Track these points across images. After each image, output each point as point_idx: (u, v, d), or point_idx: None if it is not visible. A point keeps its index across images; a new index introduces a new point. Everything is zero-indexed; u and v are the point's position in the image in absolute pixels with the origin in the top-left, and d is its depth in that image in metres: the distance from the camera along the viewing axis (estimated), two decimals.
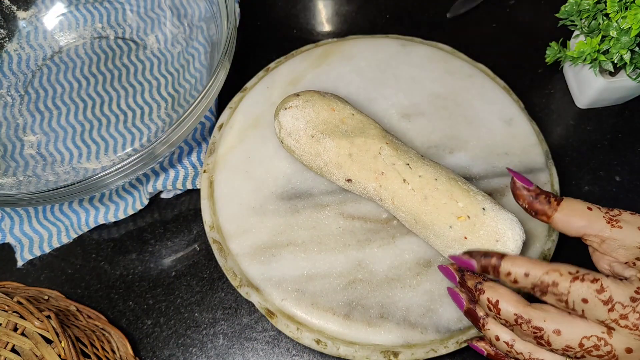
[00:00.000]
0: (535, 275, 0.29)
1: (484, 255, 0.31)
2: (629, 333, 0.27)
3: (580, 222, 0.31)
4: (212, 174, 0.42)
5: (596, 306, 0.28)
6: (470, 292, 0.32)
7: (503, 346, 0.31)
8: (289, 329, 0.36)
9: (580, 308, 0.28)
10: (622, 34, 0.40)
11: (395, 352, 0.35)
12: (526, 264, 0.30)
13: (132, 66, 0.51)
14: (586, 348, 0.28)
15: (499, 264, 0.30)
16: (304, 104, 0.39)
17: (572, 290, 0.28)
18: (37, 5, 0.52)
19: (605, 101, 0.49)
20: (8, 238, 0.43)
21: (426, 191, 0.36)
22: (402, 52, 0.47)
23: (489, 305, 0.31)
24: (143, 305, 0.42)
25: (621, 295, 0.28)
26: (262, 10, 0.56)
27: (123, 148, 0.47)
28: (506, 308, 0.30)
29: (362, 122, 0.39)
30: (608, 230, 0.31)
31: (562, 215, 0.32)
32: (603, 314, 0.28)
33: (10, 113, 0.48)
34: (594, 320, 0.28)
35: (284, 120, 0.39)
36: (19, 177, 0.44)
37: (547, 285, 0.29)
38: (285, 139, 0.39)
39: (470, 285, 0.32)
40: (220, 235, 0.39)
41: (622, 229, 0.30)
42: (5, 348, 0.32)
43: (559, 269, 0.29)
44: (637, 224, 0.30)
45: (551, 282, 0.29)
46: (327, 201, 0.40)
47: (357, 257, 0.38)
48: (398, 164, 0.37)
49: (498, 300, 0.30)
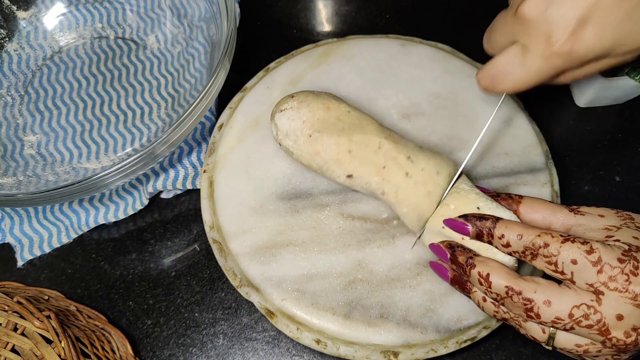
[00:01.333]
0: (528, 238, 0.30)
1: (479, 218, 0.32)
2: (618, 297, 0.27)
3: (545, 212, 0.32)
4: (212, 174, 0.42)
5: (585, 267, 0.28)
6: (462, 268, 0.32)
7: (490, 307, 0.31)
8: (289, 329, 0.36)
9: (569, 270, 0.28)
10: None
11: (395, 352, 0.35)
12: (519, 227, 0.31)
13: (132, 66, 0.51)
14: (576, 318, 0.28)
15: (494, 227, 0.31)
16: (299, 105, 0.39)
17: (562, 251, 0.29)
18: (37, 5, 0.52)
19: (605, 100, 0.49)
20: (8, 238, 0.43)
21: (429, 186, 0.36)
22: (402, 52, 0.47)
23: (479, 279, 0.31)
24: (143, 305, 0.42)
25: (610, 256, 0.28)
26: (262, 10, 0.56)
27: (123, 148, 0.47)
28: (497, 280, 0.30)
29: (359, 119, 0.39)
30: (572, 217, 0.31)
31: (526, 207, 0.33)
32: (592, 276, 0.28)
33: (10, 113, 0.48)
34: (583, 284, 0.28)
35: (280, 122, 0.39)
36: (19, 177, 0.44)
37: (539, 247, 0.29)
38: (283, 141, 0.39)
39: (461, 261, 0.32)
40: (220, 235, 0.39)
41: (584, 216, 0.31)
42: (5, 348, 0.32)
43: (550, 232, 0.30)
44: (597, 212, 0.31)
45: (542, 243, 0.29)
46: (327, 201, 0.40)
47: (357, 257, 0.38)
48: (400, 157, 0.37)
49: (489, 274, 0.31)
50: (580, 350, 0.29)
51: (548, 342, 0.30)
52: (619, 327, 0.28)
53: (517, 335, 0.40)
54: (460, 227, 0.33)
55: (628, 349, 0.28)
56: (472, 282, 0.32)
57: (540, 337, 0.30)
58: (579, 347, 0.29)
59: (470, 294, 0.33)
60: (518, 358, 0.40)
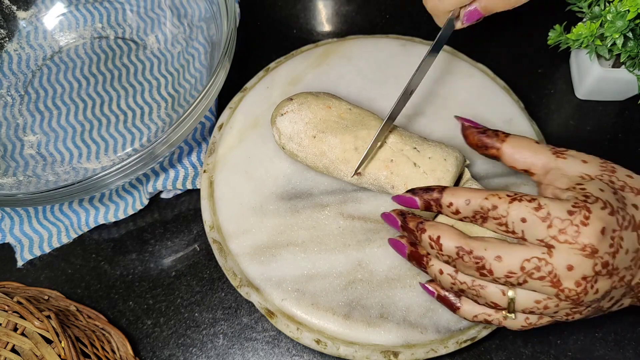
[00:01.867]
0: (476, 202, 0.30)
1: (426, 190, 0.32)
2: (568, 248, 0.28)
3: (527, 153, 0.32)
4: (212, 174, 0.42)
5: (535, 224, 0.28)
6: (412, 234, 0.32)
7: (447, 279, 0.31)
8: (289, 329, 0.36)
9: (520, 229, 0.28)
10: (617, 18, 0.40)
11: (395, 352, 0.35)
12: (466, 192, 0.30)
13: (132, 66, 0.51)
14: (527, 271, 0.28)
15: (441, 196, 0.31)
16: (300, 107, 0.39)
17: (511, 210, 0.29)
18: (37, 5, 0.52)
19: (605, 93, 0.49)
20: (8, 238, 0.43)
21: (439, 174, 0.36)
22: (402, 52, 0.47)
23: (430, 243, 0.31)
24: (143, 305, 0.42)
25: (559, 210, 0.28)
26: (262, 10, 0.56)
27: (123, 148, 0.47)
28: (447, 242, 0.30)
29: (361, 115, 0.39)
30: (553, 160, 0.31)
31: (509, 146, 0.33)
32: (542, 231, 0.28)
33: (10, 113, 0.48)
34: (534, 240, 0.28)
35: (282, 126, 0.39)
36: (19, 177, 0.44)
37: (487, 210, 0.29)
38: (286, 145, 0.39)
39: (412, 227, 0.32)
40: (220, 235, 0.39)
41: (567, 160, 0.31)
42: (5, 348, 0.32)
43: (497, 193, 0.29)
44: (582, 157, 0.31)
45: (490, 206, 0.29)
46: (327, 201, 0.40)
47: (357, 257, 0.38)
48: (406, 149, 0.37)
49: (439, 236, 0.30)
50: (540, 306, 0.29)
51: (509, 306, 0.30)
52: (570, 277, 0.28)
53: (517, 335, 0.40)
54: (408, 202, 0.33)
55: (580, 299, 0.28)
56: (424, 246, 0.32)
57: (500, 301, 0.30)
58: (538, 304, 0.29)
59: (427, 268, 0.32)
60: (518, 358, 0.40)
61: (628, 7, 0.39)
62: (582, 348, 0.40)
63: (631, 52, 0.42)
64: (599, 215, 0.28)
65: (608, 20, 0.41)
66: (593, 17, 0.44)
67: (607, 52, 0.44)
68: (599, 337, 0.41)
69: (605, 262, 0.28)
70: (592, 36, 0.43)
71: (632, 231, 0.29)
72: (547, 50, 0.51)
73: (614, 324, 0.41)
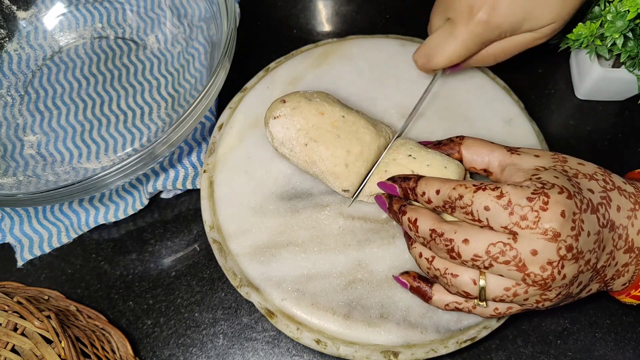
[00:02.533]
0: (445, 192, 0.32)
1: (404, 179, 0.35)
2: (531, 234, 0.28)
3: (484, 151, 0.35)
4: (212, 174, 0.42)
5: (497, 212, 0.29)
6: (396, 215, 0.35)
7: (424, 263, 0.33)
8: (289, 329, 0.36)
9: (484, 217, 0.30)
10: (617, 18, 0.40)
11: (395, 352, 0.35)
12: (437, 182, 0.32)
13: (132, 66, 0.51)
14: (493, 255, 0.29)
15: (416, 185, 0.33)
16: (292, 112, 0.38)
17: (475, 199, 0.30)
18: (37, 5, 0.52)
19: (605, 93, 0.49)
20: (8, 238, 0.43)
21: None
22: (402, 52, 0.47)
23: (409, 224, 0.33)
24: (143, 305, 0.42)
25: (519, 197, 0.29)
26: (262, 10, 0.56)
27: (123, 148, 0.47)
28: (422, 225, 0.32)
29: (355, 124, 0.38)
30: (508, 157, 0.33)
31: (467, 148, 0.35)
32: (505, 219, 0.29)
33: (10, 113, 0.48)
34: (499, 228, 0.29)
35: (274, 130, 0.39)
36: (19, 177, 0.44)
37: (455, 199, 0.31)
38: (279, 148, 0.39)
39: (395, 209, 0.35)
40: (220, 235, 0.39)
41: (521, 155, 0.33)
42: (5, 348, 0.32)
43: (464, 183, 0.31)
44: (534, 152, 0.33)
45: (457, 195, 0.31)
46: (327, 201, 0.40)
47: (357, 257, 0.38)
48: (399, 158, 0.37)
49: (417, 219, 0.33)
50: (510, 294, 0.30)
51: (480, 295, 0.31)
52: (535, 262, 0.29)
53: (517, 335, 0.40)
54: (390, 188, 0.36)
55: (547, 284, 0.29)
56: (404, 227, 0.34)
57: (472, 290, 0.31)
58: (507, 291, 0.30)
59: (410, 249, 0.34)
60: (518, 358, 0.40)
61: (628, 7, 0.39)
62: (582, 348, 0.40)
63: (631, 52, 0.42)
64: (557, 199, 0.29)
65: (608, 20, 0.41)
66: (593, 17, 0.44)
67: (607, 52, 0.44)
68: (599, 337, 0.41)
69: (569, 245, 0.28)
70: (592, 36, 0.43)
71: (591, 214, 0.30)
72: (547, 50, 0.51)
73: (614, 324, 0.41)
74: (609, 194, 0.31)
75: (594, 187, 0.31)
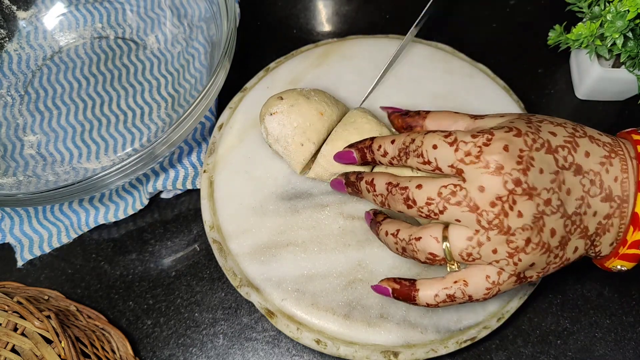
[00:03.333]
0: (399, 140, 0.33)
1: (360, 142, 0.36)
2: (474, 168, 0.29)
3: (448, 122, 0.34)
4: (212, 174, 0.42)
5: (444, 149, 0.30)
6: (354, 186, 0.36)
7: (391, 239, 0.33)
8: (289, 329, 0.36)
9: (433, 157, 0.31)
10: (617, 18, 0.40)
11: (395, 352, 0.35)
12: (392, 135, 0.34)
13: (132, 66, 0.51)
14: (445, 196, 0.30)
15: (372, 142, 0.35)
16: (290, 109, 0.38)
17: (425, 140, 0.31)
18: (37, 5, 0.52)
19: (605, 93, 0.49)
20: (8, 238, 0.43)
21: None
22: (402, 52, 0.47)
23: (367, 187, 0.34)
24: (143, 305, 0.42)
25: (464, 135, 0.30)
26: (262, 10, 0.56)
27: (123, 148, 0.47)
28: (379, 182, 0.33)
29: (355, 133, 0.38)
30: (472, 122, 0.33)
31: (430, 120, 0.35)
32: (451, 156, 0.30)
33: (10, 113, 0.48)
34: (447, 168, 0.30)
35: (270, 126, 0.39)
36: (19, 177, 0.44)
37: (408, 144, 0.32)
38: (273, 145, 0.39)
39: (352, 179, 0.36)
40: (220, 235, 0.39)
41: (485, 119, 0.33)
42: (5, 348, 0.32)
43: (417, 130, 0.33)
44: (499, 114, 0.33)
45: (410, 140, 0.32)
46: (327, 201, 0.40)
47: (357, 257, 0.38)
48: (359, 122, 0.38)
49: (373, 179, 0.34)
50: (474, 243, 0.29)
51: (446, 254, 0.30)
52: (484, 198, 0.29)
53: (517, 335, 0.40)
54: (347, 156, 0.36)
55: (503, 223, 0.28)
56: (362, 192, 0.35)
57: (436, 249, 0.30)
58: (470, 240, 0.29)
59: (378, 231, 0.35)
60: (518, 358, 0.40)
61: (628, 7, 0.39)
62: (582, 348, 0.40)
63: (631, 52, 0.42)
64: (501, 136, 0.29)
65: (608, 20, 0.41)
66: (593, 17, 0.44)
67: (607, 52, 0.44)
68: (599, 337, 0.41)
69: (517, 179, 0.28)
70: (592, 36, 0.43)
71: (546, 153, 0.29)
72: (547, 50, 0.51)
73: (614, 324, 0.41)
74: (576, 139, 0.30)
75: (559, 131, 0.31)
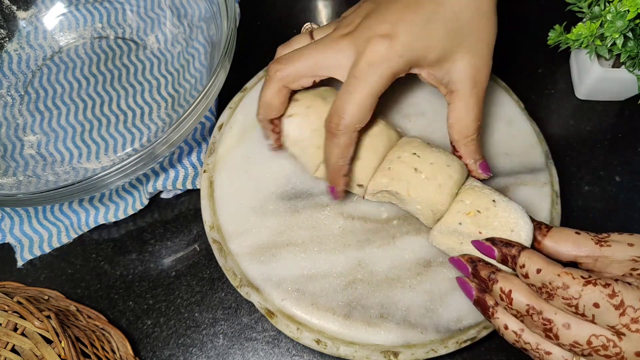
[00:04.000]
0: (547, 274, 0.29)
1: (506, 244, 0.32)
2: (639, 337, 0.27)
3: (569, 246, 0.32)
4: (212, 174, 0.42)
5: (608, 310, 0.28)
6: (484, 282, 0.33)
7: (511, 335, 0.31)
8: (289, 329, 0.36)
9: (591, 313, 0.28)
10: (617, 18, 0.40)
11: (395, 352, 0.35)
12: (542, 261, 0.30)
13: (132, 66, 0.51)
14: (594, 346, 0.28)
15: (518, 255, 0.31)
16: (307, 111, 0.38)
17: (584, 294, 0.28)
18: (37, 5, 0.52)
19: (605, 93, 0.49)
20: (8, 238, 0.43)
21: (440, 180, 0.36)
22: None
23: (501, 295, 0.31)
24: (143, 305, 0.42)
25: (632, 297, 0.28)
26: (262, 10, 0.56)
27: (123, 148, 0.47)
28: (518, 298, 0.30)
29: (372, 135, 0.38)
30: (598, 250, 0.31)
31: (551, 241, 0.32)
32: (614, 318, 0.28)
33: (10, 113, 0.48)
34: (604, 325, 0.28)
35: (289, 128, 0.38)
36: (19, 177, 0.44)
37: (557, 288, 0.29)
38: (290, 147, 0.39)
39: (483, 276, 0.33)
40: (220, 235, 0.39)
41: (612, 247, 0.31)
42: (5, 348, 0.32)
43: (571, 272, 0.29)
44: (627, 241, 0.31)
45: (562, 284, 0.29)
46: (327, 201, 0.40)
47: (357, 257, 0.38)
48: (403, 155, 0.37)
49: (511, 290, 0.31)
50: None
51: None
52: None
53: None
54: (487, 250, 0.33)
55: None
56: (494, 296, 0.32)
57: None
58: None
59: (492, 319, 0.32)
60: (518, 358, 0.40)
61: (628, 7, 0.39)
62: None
63: (631, 52, 0.42)
64: None
65: (608, 20, 0.41)
66: (593, 17, 0.44)
67: (607, 52, 0.44)
68: None
69: None
70: (592, 36, 0.43)
71: None
72: (547, 50, 0.51)
73: None
74: None
75: None
